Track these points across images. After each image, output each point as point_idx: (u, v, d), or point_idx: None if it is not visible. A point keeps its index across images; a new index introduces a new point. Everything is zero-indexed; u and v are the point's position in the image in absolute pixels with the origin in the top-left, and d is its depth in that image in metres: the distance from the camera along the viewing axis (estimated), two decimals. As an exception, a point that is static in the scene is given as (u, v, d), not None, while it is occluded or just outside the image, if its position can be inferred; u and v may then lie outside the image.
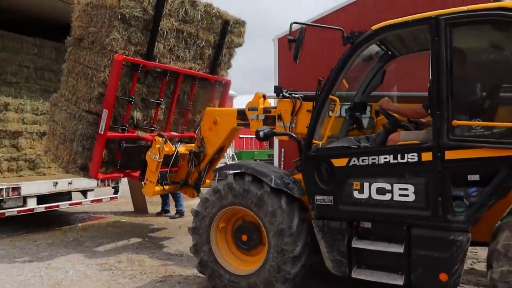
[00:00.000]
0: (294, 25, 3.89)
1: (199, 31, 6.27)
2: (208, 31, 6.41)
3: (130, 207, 9.75)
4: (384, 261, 3.76)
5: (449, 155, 3.45)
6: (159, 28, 5.73)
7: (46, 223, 8.20)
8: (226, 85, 7.21)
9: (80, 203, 8.26)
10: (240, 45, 7.02)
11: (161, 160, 5.71)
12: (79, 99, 5.93)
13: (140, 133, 6.01)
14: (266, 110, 5.27)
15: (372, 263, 3.85)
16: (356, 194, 3.85)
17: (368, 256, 3.84)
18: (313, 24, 4.18)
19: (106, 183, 8.09)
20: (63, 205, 7.95)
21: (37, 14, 8.38)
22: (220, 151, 6.09)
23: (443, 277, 3.44)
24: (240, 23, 6.84)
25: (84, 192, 8.25)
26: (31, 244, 6.65)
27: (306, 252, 4.12)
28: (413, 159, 3.57)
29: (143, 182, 6.05)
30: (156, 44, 5.77)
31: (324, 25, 3.93)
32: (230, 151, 17.54)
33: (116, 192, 8.57)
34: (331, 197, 3.96)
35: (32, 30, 8.85)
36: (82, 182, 7.83)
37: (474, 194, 3.50)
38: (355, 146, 3.99)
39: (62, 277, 5.13)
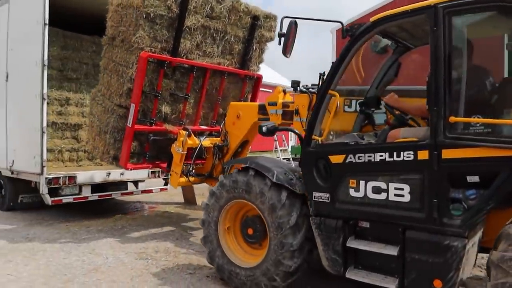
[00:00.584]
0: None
1: (227, 27, 6.35)
2: (237, 26, 6.48)
3: (181, 198, 10.00)
4: (380, 263, 3.64)
5: (446, 154, 3.23)
6: (185, 25, 5.89)
7: (102, 211, 8.59)
8: (258, 79, 7.24)
9: (132, 193, 8.70)
10: (271, 39, 6.99)
11: (185, 152, 5.88)
12: (112, 94, 6.29)
13: (167, 126, 6.23)
14: (285, 105, 5.25)
15: (368, 264, 3.74)
16: (352, 192, 3.74)
17: (363, 256, 3.74)
18: (307, 18, 4.04)
19: (157, 175, 8.41)
20: (115, 194, 8.43)
21: (96, 14, 8.98)
22: (245, 144, 6.14)
23: (437, 283, 3.25)
24: (271, 17, 6.81)
25: (135, 183, 8.68)
26: (83, 230, 7.05)
27: (306, 247, 4.07)
28: (409, 157, 3.39)
29: (169, 173, 6.31)
30: (181, 40, 5.94)
31: (321, 19, 3.79)
32: (287, 145, 17.49)
33: (166, 183, 8.79)
34: (328, 195, 3.88)
35: (91, 29, 9.32)
36: (134, 173, 8.14)
37: (472, 197, 3.22)
38: (353, 143, 3.85)
39: (101, 263, 5.39)
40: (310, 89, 4.89)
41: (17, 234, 6.71)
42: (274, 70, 33.76)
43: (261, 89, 7.49)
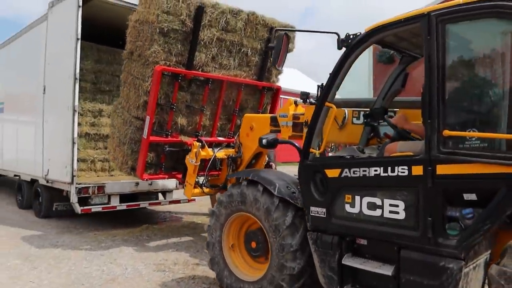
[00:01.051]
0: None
1: (243, 39, 6.41)
2: (253, 38, 6.52)
3: (210, 209, 10.24)
4: (376, 282, 3.48)
5: (441, 169, 3.05)
6: (200, 39, 6.00)
7: (132, 220, 8.73)
8: (277, 91, 7.23)
9: (159, 203, 8.80)
10: (290, 50, 6.91)
11: (198, 164, 5.92)
12: (130, 106, 6.49)
13: (183, 138, 6.31)
14: (295, 117, 5.18)
15: (365, 283, 3.59)
16: (348, 208, 3.62)
17: (360, 275, 3.59)
18: (301, 30, 3.95)
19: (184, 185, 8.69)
20: (143, 204, 8.50)
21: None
22: (259, 156, 6.08)
23: None
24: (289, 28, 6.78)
25: (164, 193, 8.80)
26: (109, 239, 7.17)
27: (308, 247, 3.92)
28: (404, 172, 3.23)
29: (183, 184, 6.38)
30: (196, 54, 6.04)
31: (315, 30, 3.70)
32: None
33: None
34: (324, 210, 3.76)
35: (124, 43, 9.94)
36: (162, 183, 8.37)
37: (469, 216, 3.00)
38: (348, 157, 3.72)
39: (120, 273, 5.46)
40: None
41: (47, 241, 6.98)
42: (309, 78, 33.42)
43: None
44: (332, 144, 4.46)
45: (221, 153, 6.10)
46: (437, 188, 3.06)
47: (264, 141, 4.39)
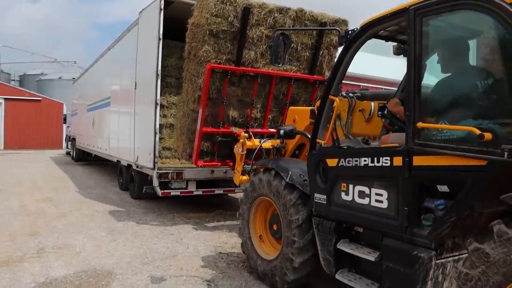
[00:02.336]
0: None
1: (292, 35, 6.64)
2: (303, 34, 6.75)
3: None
4: (364, 267, 3.65)
5: (417, 161, 3.10)
6: (249, 37, 6.42)
7: (208, 205, 9.26)
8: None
9: (234, 190, 9.14)
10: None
11: (244, 153, 6.36)
12: (188, 101, 7.15)
13: (234, 129, 6.83)
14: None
15: (359, 268, 3.76)
16: (343, 196, 3.80)
17: (351, 259, 3.76)
18: (301, 28, 4.03)
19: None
20: (218, 191, 8.93)
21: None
22: (302, 147, 6.28)
23: None
24: (340, 22, 6.85)
25: None
26: (182, 221, 7.82)
27: (314, 246, 4.19)
28: (387, 163, 3.33)
29: (233, 171, 6.89)
30: (245, 51, 6.47)
31: (316, 27, 3.85)
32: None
33: None
34: (325, 196, 3.98)
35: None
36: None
37: (441, 207, 3.00)
38: (345, 147, 3.88)
39: (181, 251, 6.01)
40: (350, 94, 4.98)
41: (131, 219, 7.96)
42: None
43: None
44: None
45: (267, 144, 6.41)
46: (414, 179, 3.11)
47: (281, 131, 4.73)
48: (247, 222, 5.12)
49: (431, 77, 3.20)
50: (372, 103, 4.81)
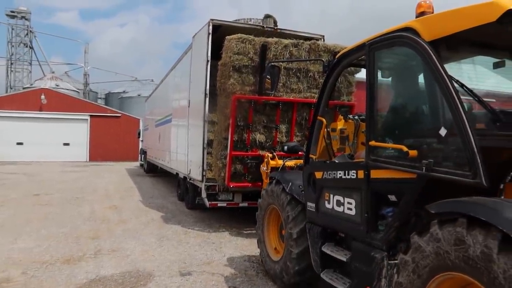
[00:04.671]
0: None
1: (308, 66, 7.38)
2: (319, 63, 7.33)
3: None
4: (345, 268, 4.08)
5: (373, 174, 3.57)
6: None
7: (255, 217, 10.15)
8: (351, 108, 7.85)
9: None
10: (358, 71, 7.57)
11: (268, 171, 6.97)
12: (221, 130, 7.99)
13: (261, 152, 7.53)
14: (341, 131, 5.59)
15: (340, 268, 4.21)
16: (326, 204, 4.27)
17: (332, 261, 4.22)
18: (292, 60, 4.53)
19: None
20: None
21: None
22: None
23: None
24: None
25: None
26: (227, 231, 8.33)
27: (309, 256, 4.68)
28: (353, 176, 3.82)
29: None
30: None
31: (304, 59, 4.47)
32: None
33: None
34: (314, 205, 4.48)
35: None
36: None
37: (389, 214, 3.45)
38: (328, 162, 4.49)
39: (217, 258, 6.45)
40: (356, 117, 5.52)
41: (182, 227, 8.62)
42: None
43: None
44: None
45: (290, 163, 6.96)
46: (372, 189, 3.57)
47: (285, 147, 5.44)
48: (262, 227, 5.76)
49: (383, 102, 3.77)
50: None
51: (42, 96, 30.07)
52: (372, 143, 3.55)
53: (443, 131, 2.87)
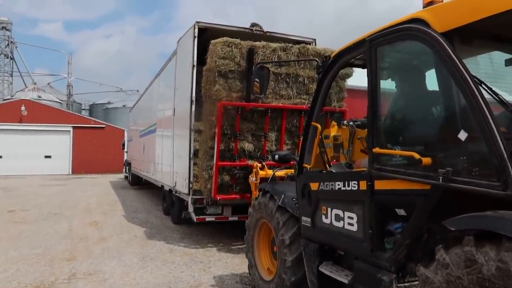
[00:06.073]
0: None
1: (298, 70, 7.09)
2: (308, 68, 7.12)
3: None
4: None
5: (378, 185, 3.18)
6: None
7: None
8: (342, 114, 7.58)
9: None
10: (349, 75, 7.34)
11: (257, 182, 6.60)
12: (206, 139, 7.62)
13: (249, 162, 7.15)
14: (335, 138, 5.37)
15: None
16: (323, 219, 3.89)
17: (331, 282, 3.82)
18: (283, 60, 4.23)
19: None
20: None
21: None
22: None
23: None
24: None
25: None
26: (215, 248, 7.83)
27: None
28: (355, 187, 3.44)
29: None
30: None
31: (297, 59, 4.11)
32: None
33: None
34: (310, 219, 4.09)
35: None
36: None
37: (398, 231, 3.06)
38: (324, 172, 4.10)
39: (205, 281, 6.00)
40: (350, 123, 5.18)
41: (167, 245, 8.10)
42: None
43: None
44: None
45: (281, 173, 6.68)
46: (376, 202, 3.18)
47: (276, 156, 5.05)
48: (252, 249, 5.32)
49: (388, 105, 3.40)
50: None
51: (22, 108, 29.35)
52: (377, 150, 3.17)
53: (463, 135, 2.48)
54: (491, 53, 3.13)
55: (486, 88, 2.74)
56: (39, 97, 36.07)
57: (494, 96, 2.76)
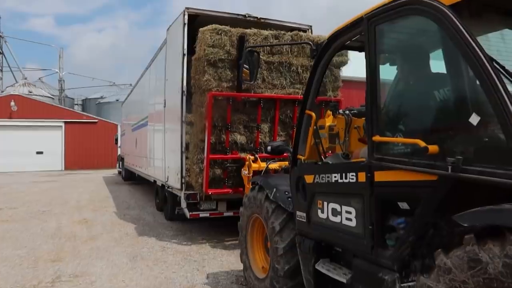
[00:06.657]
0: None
1: (291, 59, 6.84)
2: (301, 56, 6.88)
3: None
4: None
5: (378, 176, 2.93)
6: None
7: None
8: (337, 103, 7.29)
9: None
10: (344, 63, 7.10)
11: (250, 175, 6.38)
12: (197, 132, 7.35)
13: (241, 154, 6.91)
14: (330, 128, 5.12)
15: None
16: (319, 213, 3.65)
17: (328, 281, 3.61)
18: (276, 44, 3.97)
19: None
20: None
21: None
22: None
23: None
24: None
25: None
26: (209, 246, 7.59)
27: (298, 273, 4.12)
28: (352, 179, 3.20)
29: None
30: None
31: (289, 42, 3.85)
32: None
33: None
34: (305, 214, 3.85)
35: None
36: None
37: (401, 226, 2.81)
38: (319, 163, 3.85)
39: (199, 281, 5.75)
40: (347, 112, 4.92)
41: (159, 242, 7.85)
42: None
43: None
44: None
45: (274, 165, 6.47)
46: (376, 195, 2.94)
47: (268, 148, 4.79)
48: (246, 250, 5.11)
49: (388, 88, 3.14)
50: None
51: (12, 103, 28.95)
52: (377, 138, 2.91)
53: (475, 119, 2.21)
54: (502, 31, 2.84)
55: (500, 68, 2.47)
56: (30, 92, 35.60)
57: (509, 76, 2.48)
